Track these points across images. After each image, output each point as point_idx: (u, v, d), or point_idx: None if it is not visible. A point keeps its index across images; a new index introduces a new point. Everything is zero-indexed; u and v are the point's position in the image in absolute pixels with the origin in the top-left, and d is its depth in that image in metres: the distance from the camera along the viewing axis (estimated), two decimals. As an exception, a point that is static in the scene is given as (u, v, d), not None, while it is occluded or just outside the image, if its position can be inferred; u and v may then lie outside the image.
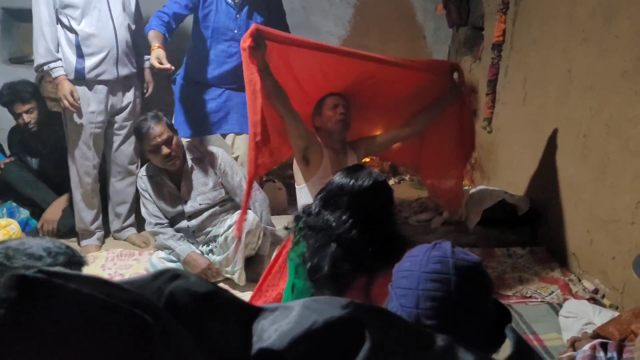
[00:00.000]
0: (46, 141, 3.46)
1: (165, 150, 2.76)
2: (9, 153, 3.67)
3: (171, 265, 2.82)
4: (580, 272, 2.88)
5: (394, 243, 1.73)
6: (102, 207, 3.42)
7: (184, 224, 2.96)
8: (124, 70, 3.15)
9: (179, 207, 2.95)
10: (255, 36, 2.38)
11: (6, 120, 3.56)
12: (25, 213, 3.48)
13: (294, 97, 2.80)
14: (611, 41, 2.60)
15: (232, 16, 3.14)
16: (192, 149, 3.00)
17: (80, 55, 3.01)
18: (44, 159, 3.52)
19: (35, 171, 3.53)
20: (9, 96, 3.27)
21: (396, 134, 3.01)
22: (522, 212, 3.29)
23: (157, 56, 2.80)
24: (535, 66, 3.34)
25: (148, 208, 2.95)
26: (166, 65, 2.79)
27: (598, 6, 2.70)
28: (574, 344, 2.02)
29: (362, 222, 1.71)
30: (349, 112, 2.77)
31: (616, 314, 2.26)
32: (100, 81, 3.09)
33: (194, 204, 2.93)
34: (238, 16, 3.14)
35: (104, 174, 3.39)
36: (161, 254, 2.94)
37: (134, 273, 3.04)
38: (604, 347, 1.55)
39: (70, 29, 2.98)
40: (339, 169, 2.76)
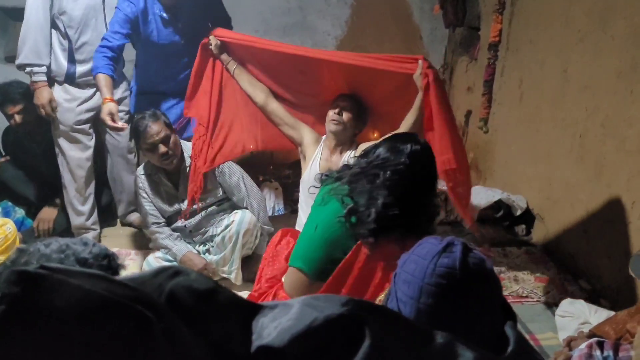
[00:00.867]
0: (40, 140, 3.45)
1: (163, 149, 2.75)
2: (3, 153, 3.66)
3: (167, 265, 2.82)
4: (576, 271, 2.89)
5: (432, 211, 1.89)
6: (101, 203, 3.44)
7: (181, 223, 2.96)
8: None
9: (176, 206, 2.94)
10: (211, 36, 2.67)
11: (0, 120, 3.55)
12: (20, 212, 3.46)
13: (281, 93, 2.88)
14: (607, 41, 2.61)
15: (174, 30, 3.02)
16: (190, 148, 2.99)
17: (72, 61, 3.07)
18: (38, 158, 3.51)
19: (30, 170, 3.52)
20: (0, 98, 3.25)
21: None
22: (518, 212, 3.30)
23: (110, 112, 2.68)
24: (531, 66, 3.35)
25: (145, 207, 2.94)
26: (119, 123, 2.70)
27: (594, 7, 2.72)
28: (570, 343, 2.02)
29: (414, 185, 1.82)
30: (349, 112, 2.75)
31: (612, 313, 2.27)
32: (90, 84, 3.14)
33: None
34: (180, 25, 3.02)
35: (103, 168, 3.42)
36: (158, 253, 2.93)
37: (129, 273, 3.01)
38: (601, 345, 1.56)
39: (65, 35, 3.02)
40: (329, 168, 2.79)
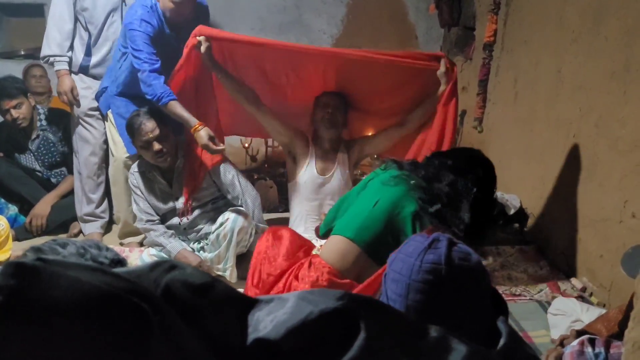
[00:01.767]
0: (34, 137, 3.45)
1: (157, 146, 2.75)
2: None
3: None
4: (568, 270, 2.90)
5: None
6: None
7: (176, 221, 2.95)
8: None
9: (171, 204, 2.94)
10: (197, 36, 2.59)
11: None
12: (13, 209, 3.45)
13: (270, 96, 2.84)
14: (601, 42, 2.63)
15: (173, 44, 2.96)
16: (184, 146, 2.99)
17: (88, 54, 3.15)
18: (31, 154, 3.50)
19: (23, 167, 3.51)
20: None
21: (392, 133, 2.95)
22: (512, 211, 3.32)
23: (209, 135, 2.67)
24: (525, 66, 3.37)
25: (139, 204, 2.94)
26: (220, 146, 2.72)
27: (588, 7, 2.73)
28: (562, 341, 2.04)
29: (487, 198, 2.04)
30: (339, 111, 2.76)
31: (603, 311, 2.28)
32: (101, 76, 3.21)
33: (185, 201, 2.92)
34: (179, 40, 2.93)
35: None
36: (152, 251, 2.93)
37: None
38: (592, 342, 1.58)
39: (86, 29, 3.10)
40: (324, 168, 2.80)
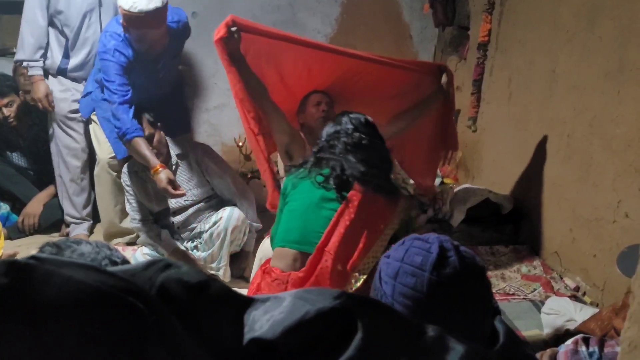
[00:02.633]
0: (25, 135, 3.42)
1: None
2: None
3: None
4: (562, 269, 2.91)
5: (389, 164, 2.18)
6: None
7: (169, 220, 2.94)
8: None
9: (164, 204, 2.92)
10: (230, 27, 2.38)
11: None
12: (5, 208, 3.42)
13: (277, 93, 2.81)
14: (595, 42, 2.64)
15: (154, 68, 2.97)
16: (176, 145, 2.97)
17: (66, 56, 3.13)
18: (23, 152, 3.48)
19: (15, 165, 3.48)
20: None
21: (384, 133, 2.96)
22: (506, 211, 3.32)
23: (169, 179, 2.64)
24: (520, 66, 3.37)
25: (132, 204, 2.93)
26: (180, 189, 2.68)
27: (582, 7, 2.74)
28: (555, 340, 2.04)
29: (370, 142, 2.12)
30: (332, 110, 2.76)
31: (597, 310, 2.29)
32: (81, 79, 3.21)
33: (178, 200, 2.90)
34: (160, 65, 2.97)
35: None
36: (145, 250, 2.91)
37: (117, 269, 3.00)
38: (586, 341, 1.58)
39: (62, 32, 3.07)
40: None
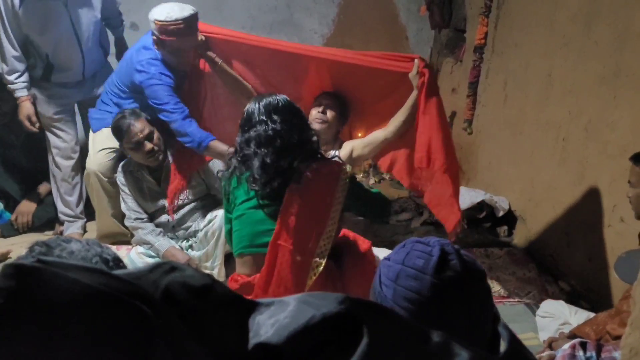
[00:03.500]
0: (18, 132, 3.40)
1: (149, 146, 2.73)
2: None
3: (150, 261, 2.79)
4: (557, 273, 2.93)
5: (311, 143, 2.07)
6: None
7: (164, 218, 2.93)
8: (90, 72, 3.24)
9: (159, 203, 2.91)
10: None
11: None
12: (-1, 205, 3.41)
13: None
14: (591, 46, 2.65)
15: None
16: (172, 144, 2.96)
17: (49, 67, 3.08)
18: (16, 150, 3.45)
19: (8, 163, 3.45)
20: None
21: (376, 136, 2.79)
22: (501, 214, 3.33)
23: None
24: (516, 69, 3.38)
25: (127, 203, 2.91)
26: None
27: (579, 11, 2.75)
28: (550, 344, 2.05)
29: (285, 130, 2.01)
30: (333, 110, 2.75)
31: (592, 314, 2.30)
32: (66, 83, 3.18)
33: (175, 199, 2.89)
34: None
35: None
36: (140, 249, 2.90)
37: (111, 268, 2.99)
38: (583, 346, 1.58)
39: (38, 46, 3.02)
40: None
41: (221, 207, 2.80)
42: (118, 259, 1.32)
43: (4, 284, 0.45)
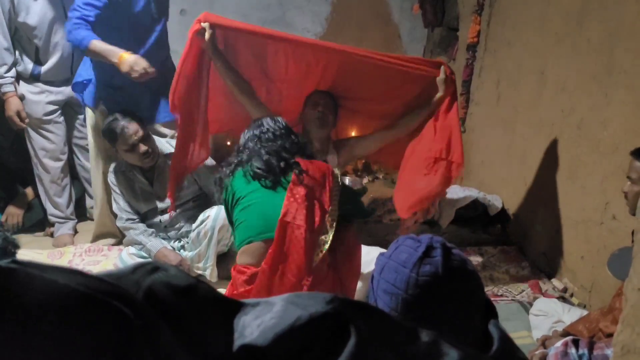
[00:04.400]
0: (7, 133, 3.38)
1: (143, 148, 2.71)
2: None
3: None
4: (550, 271, 2.93)
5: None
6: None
7: (156, 219, 2.91)
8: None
9: (152, 203, 2.89)
10: (203, 22, 2.47)
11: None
12: (-12, 206, 3.38)
13: (265, 90, 2.80)
14: (583, 44, 2.65)
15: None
16: (163, 145, 2.94)
17: (38, 63, 3.07)
18: (6, 151, 3.43)
19: (-2, 164, 3.44)
20: None
21: (382, 136, 2.88)
22: (494, 212, 3.33)
23: (135, 61, 2.63)
24: (509, 67, 3.38)
25: (119, 203, 2.89)
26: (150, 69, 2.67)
27: (571, 10, 2.75)
28: (544, 342, 2.05)
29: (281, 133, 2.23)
30: (330, 110, 2.74)
31: (584, 312, 2.30)
32: (55, 82, 3.16)
33: (166, 199, 2.87)
34: None
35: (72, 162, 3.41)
36: (131, 249, 2.88)
37: (102, 269, 2.97)
38: (576, 343, 1.58)
39: (30, 41, 3.01)
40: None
41: (213, 207, 2.80)
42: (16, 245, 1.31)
43: (-24, 286, 0.44)
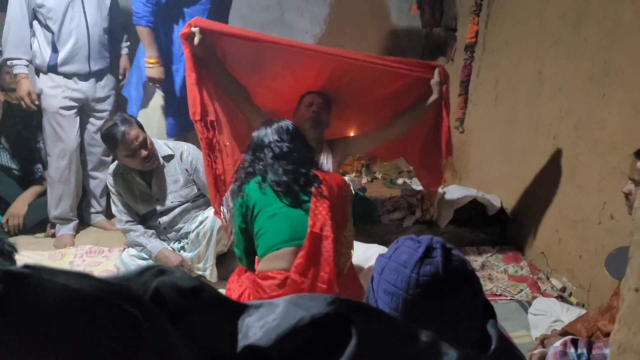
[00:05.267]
0: (9, 134, 3.39)
1: (144, 152, 2.71)
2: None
3: (142, 263, 2.79)
4: (548, 270, 2.94)
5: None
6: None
7: (155, 220, 2.92)
8: (96, 66, 3.27)
9: (150, 205, 2.90)
10: (193, 27, 2.48)
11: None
12: (-11, 208, 3.39)
13: (263, 95, 2.81)
14: (580, 45, 2.66)
15: None
16: (161, 147, 2.95)
17: (54, 50, 3.13)
18: (7, 152, 3.44)
19: (-1, 165, 3.45)
20: None
21: (376, 135, 2.92)
22: (493, 212, 3.35)
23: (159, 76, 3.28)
24: (506, 68, 3.40)
25: (118, 205, 2.90)
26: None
27: (568, 10, 2.76)
28: (543, 341, 2.06)
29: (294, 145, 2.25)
30: (324, 111, 2.75)
31: (583, 311, 2.32)
32: (72, 74, 3.20)
33: (165, 201, 2.88)
34: None
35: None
36: (132, 251, 2.89)
37: (103, 270, 2.98)
38: (575, 343, 1.59)
39: (47, 27, 3.08)
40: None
41: (211, 208, 2.81)
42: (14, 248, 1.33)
43: (-11, 290, 0.45)
